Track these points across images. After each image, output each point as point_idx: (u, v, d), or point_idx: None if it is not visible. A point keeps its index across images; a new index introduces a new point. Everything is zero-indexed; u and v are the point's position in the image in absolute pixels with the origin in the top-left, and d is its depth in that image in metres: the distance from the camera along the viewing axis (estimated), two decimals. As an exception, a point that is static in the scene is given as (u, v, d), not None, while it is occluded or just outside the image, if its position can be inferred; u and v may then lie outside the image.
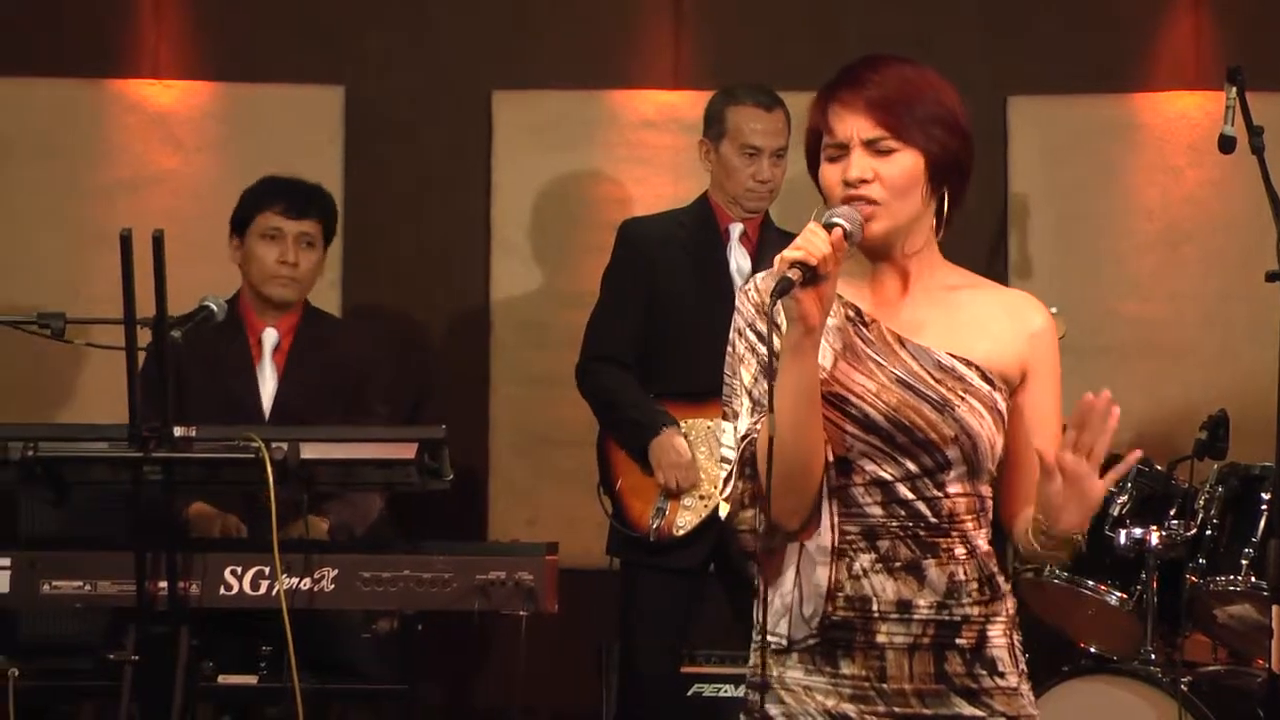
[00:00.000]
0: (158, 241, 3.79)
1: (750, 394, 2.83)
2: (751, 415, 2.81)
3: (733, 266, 5.35)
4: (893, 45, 5.96)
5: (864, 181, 2.79)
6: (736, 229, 5.38)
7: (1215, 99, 5.43)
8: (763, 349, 2.82)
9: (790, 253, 2.66)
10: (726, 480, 2.82)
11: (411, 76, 6.44)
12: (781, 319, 2.75)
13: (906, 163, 2.81)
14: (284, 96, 6.41)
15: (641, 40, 6.45)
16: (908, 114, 2.81)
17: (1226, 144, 4.98)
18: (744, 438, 2.80)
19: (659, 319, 5.33)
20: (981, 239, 6.25)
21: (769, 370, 2.66)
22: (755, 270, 5.25)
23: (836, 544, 2.78)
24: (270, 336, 5.07)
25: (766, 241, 5.35)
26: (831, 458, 2.77)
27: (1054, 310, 5.58)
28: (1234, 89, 5.00)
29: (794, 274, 2.63)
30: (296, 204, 5.11)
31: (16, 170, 6.34)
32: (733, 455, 2.83)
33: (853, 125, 2.81)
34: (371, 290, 6.40)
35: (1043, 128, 6.35)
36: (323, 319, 5.27)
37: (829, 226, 2.71)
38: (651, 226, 5.49)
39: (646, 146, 6.38)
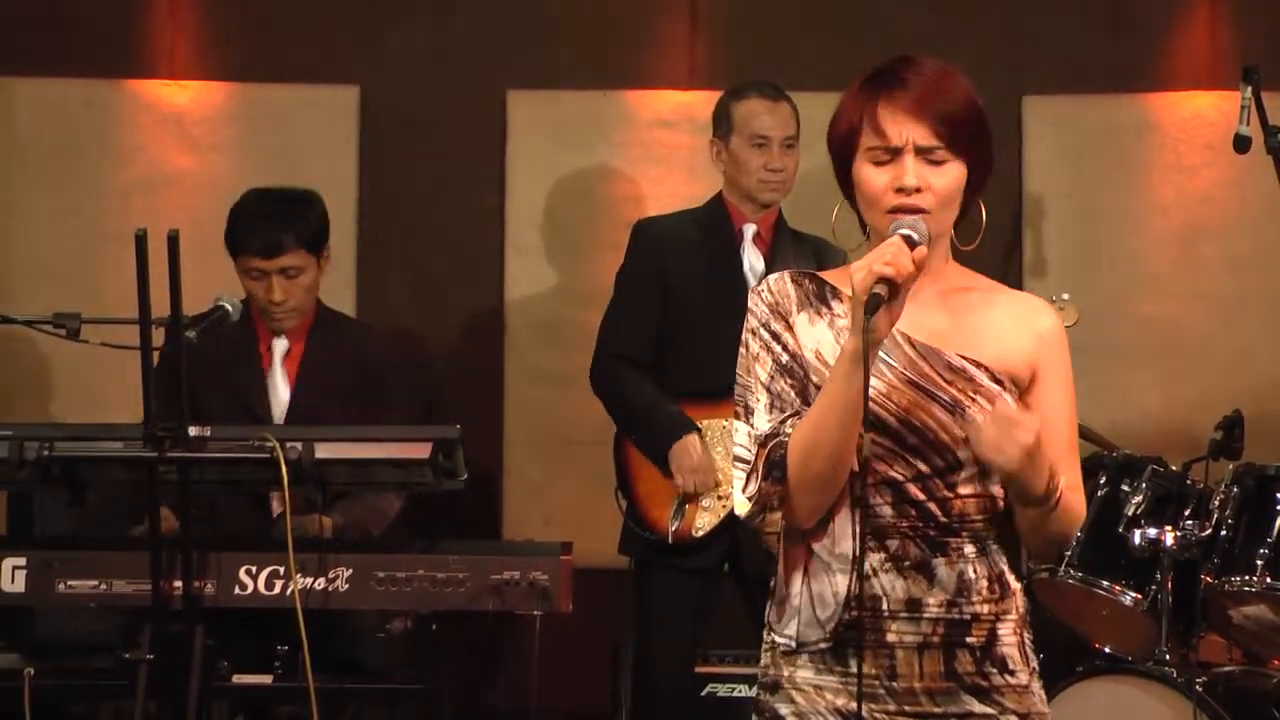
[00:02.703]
0: (173, 241, 3.79)
1: (769, 390, 2.83)
2: (770, 413, 2.81)
3: (746, 266, 5.35)
4: (908, 45, 5.93)
5: (917, 190, 2.80)
6: (750, 229, 5.38)
7: (1231, 98, 5.42)
8: (777, 348, 2.84)
9: (880, 268, 2.65)
10: (748, 479, 2.82)
11: (427, 76, 6.45)
12: (794, 320, 2.76)
13: (955, 173, 2.83)
14: (300, 96, 6.41)
15: (657, 40, 6.45)
16: (958, 125, 2.82)
17: (1242, 143, 4.97)
18: (770, 437, 2.79)
19: (673, 318, 5.33)
20: (997, 238, 6.24)
21: (864, 385, 2.65)
22: (769, 270, 5.25)
23: (857, 553, 2.78)
24: (280, 344, 5.01)
25: (780, 241, 5.36)
26: (856, 466, 2.77)
27: (1065, 297, 5.57)
28: (1249, 88, 5.00)
29: (881, 290, 2.64)
30: (270, 245, 4.92)
31: (33, 170, 6.36)
32: (747, 454, 2.83)
33: (907, 131, 2.80)
34: (386, 289, 6.41)
35: (1058, 127, 6.35)
36: (336, 322, 5.18)
37: (910, 243, 2.71)
38: (666, 226, 5.49)
39: (661, 146, 6.39)
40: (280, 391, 4.99)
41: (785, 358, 2.84)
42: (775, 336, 2.86)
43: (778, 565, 2.89)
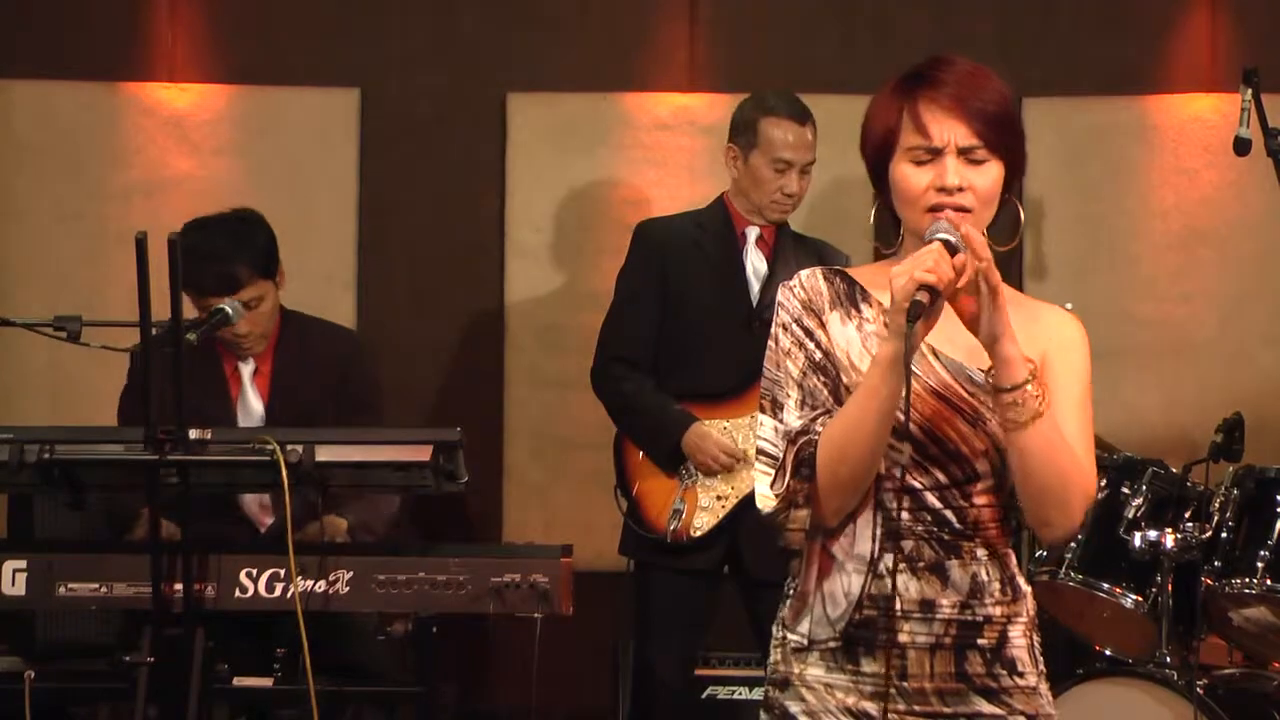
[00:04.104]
0: (173, 245, 3.80)
1: (801, 386, 2.83)
2: (801, 409, 2.81)
3: (749, 269, 5.35)
4: (908, 47, 5.97)
5: (959, 190, 2.80)
6: (753, 232, 5.37)
7: (1231, 101, 5.42)
8: (810, 344, 2.84)
9: (922, 275, 2.65)
10: (775, 475, 2.81)
11: (428, 79, 6.45)
12: (826, 318, 2.78)
13: (994, 173, 2.84)
14: (300, 99, 6.41)
15: (657, 43, 6.45)
16: (997, 124, 2.82)
17: (1241, 146, 4.96)
18: (801, 434, 2.79)
19: (674, 320, 5.33)
20: (996, 240, 6.23)
21: (906, 393, 2.65)
22: (771, 273, 5.26)
23: (874, 554, 2.78)
24: (247, 367, 4.98)
25: (783, 244, 5.35)
26: (882, 469, 2.77)
27: (1068, 307, 5.60)
28: (1249, 91, 4.99)
29: (923, 297, 2.65)
30: (225, 282, 4.83)
31: (33, 173, 6.35)
32: (773, 449, 2.83)
33: (949, 131, 2.80)
34: (387, 293, 6.41)
35: (1058, 130, 6.35)
36: (298, 326, 5.11)
37: (950, 248, 2.71)
38: (667, 228, 5.48)
39: (662, 149, 6.38)
40: (255, 409, 4.95)
41: (818, 355, 2.84)
42: (808, 333, 2.86)
43: (799, 563, 2.89)
